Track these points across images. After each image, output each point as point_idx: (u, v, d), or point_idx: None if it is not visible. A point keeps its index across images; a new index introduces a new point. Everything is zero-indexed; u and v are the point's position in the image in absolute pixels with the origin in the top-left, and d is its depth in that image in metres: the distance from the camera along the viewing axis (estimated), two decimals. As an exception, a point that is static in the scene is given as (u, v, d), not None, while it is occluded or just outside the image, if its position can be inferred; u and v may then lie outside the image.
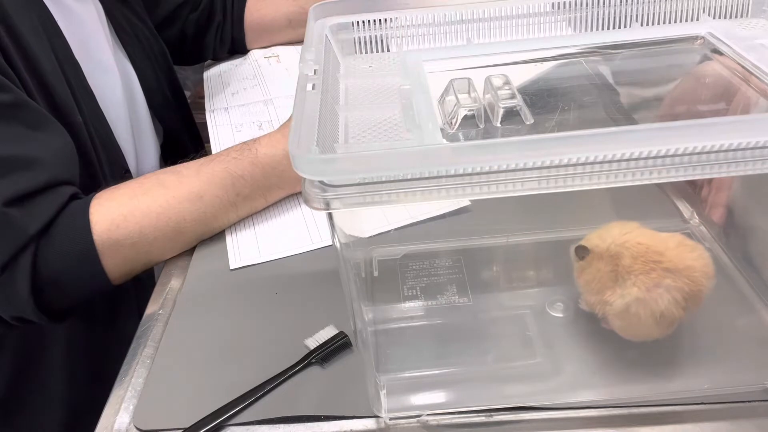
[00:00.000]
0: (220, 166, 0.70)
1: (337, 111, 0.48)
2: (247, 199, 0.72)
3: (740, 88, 0.52)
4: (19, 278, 0.64)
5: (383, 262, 0.65)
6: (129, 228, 0.66)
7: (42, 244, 0.64)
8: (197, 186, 0.69)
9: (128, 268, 0.69)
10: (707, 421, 0.49)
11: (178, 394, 0.56)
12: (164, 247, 0.70)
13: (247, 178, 0.71)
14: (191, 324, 0.63)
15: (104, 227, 0.66)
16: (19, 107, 0.67)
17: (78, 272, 0.66)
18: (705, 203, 0.63)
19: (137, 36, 0.95)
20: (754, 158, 0.39)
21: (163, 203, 0.68)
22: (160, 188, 0.69)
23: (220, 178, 0.70)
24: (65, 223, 0.66)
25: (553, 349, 0.56)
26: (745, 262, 0.59)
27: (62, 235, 0.65)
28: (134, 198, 0.68)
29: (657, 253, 0.50)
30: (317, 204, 0.39)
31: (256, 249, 0.70)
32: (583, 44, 0.57)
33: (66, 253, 0.65)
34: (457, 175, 0.39)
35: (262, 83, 1.02)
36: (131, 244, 0.67)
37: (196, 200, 0.69)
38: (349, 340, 0.57)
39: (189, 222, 0.69)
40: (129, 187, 0.71)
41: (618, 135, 0.38)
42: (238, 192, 0.71)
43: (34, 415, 0.81)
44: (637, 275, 0.50)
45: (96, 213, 0.66)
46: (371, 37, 0.57)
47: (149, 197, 0.68)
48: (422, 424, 0.51)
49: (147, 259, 0.70)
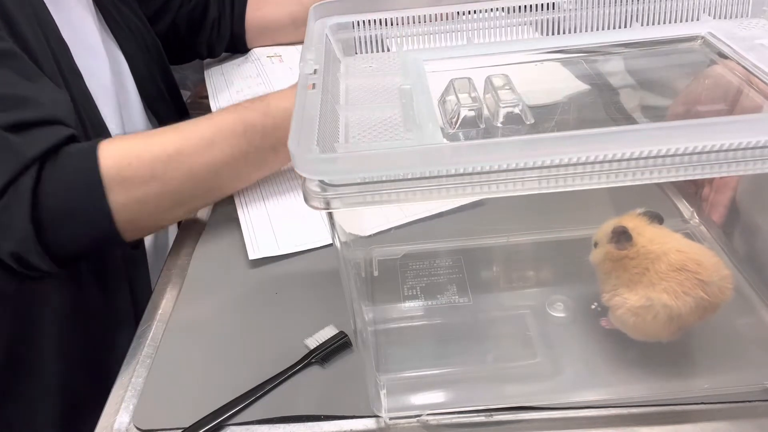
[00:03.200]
0: (232, 115, 0.71)
1: (338, 110, 0.48)
2: (258, 150, 0.72)
3: (740, 89, 0.52)
4: (18, 205, 0.62)
5: (383, 262, 0.65)
6: (141, 167, 0.66)
7: (46, 174, 0.63)
8: (209, 132, 0.70)
9: (137, 214, 0.67)
10: (707, 421, 0.49)
11: (178, 393, 0.56)
12: (174, 196, 0.69)
13: (258, 127, 0.71)
14: (191, 323, 0.63)
15: (113, 162, 0.65)
16: (17, 56, 0.67)
17: (81, 206, 0.65)
18: (705, 203, 0.63)
19: (128, 26, 0.94)
20: (755, 158, 0.39)
21: (176, 146, 0.68)
22: (173, 132, 0.70)
23: (233, 126, 0.71)
24: (71, 156, 0.65)
25: (553, 349, 0.56)
26: (746, 262, 0.59)
27: (67, 167, 0.64)
28: (147, 139, 0.69)
29: (696, 263, 0.49)
30: (317, 203, 0.39)
31: (274, 241, 0.70)
32: (583, 44, 0.57)
33: (70, 185, 0.64)
34: (457, 174, 0.39)
35: (267, 82, 1.02)
36: (141, 183, 0.66)
37: (209, 145, 0.69)
38: (349, 339, 0.57)
39: (201, 167, 0.69)
40: (142, 132, 0.73)
41: (618, 135, 0.38)
42: (250, 141, 0.71)
43: (28, 404, 0.80)
44: (669, 282, 0.49)
45: (105, 150, 0.65)
46: (371, 36, 0.57)
47: (162, 138, 0.69)
48: (422, 424, 0.51)
49: (155, 209, 0.68)
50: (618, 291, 0.52)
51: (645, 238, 0.51)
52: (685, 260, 0.50)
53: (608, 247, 0.52)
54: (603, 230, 0.54)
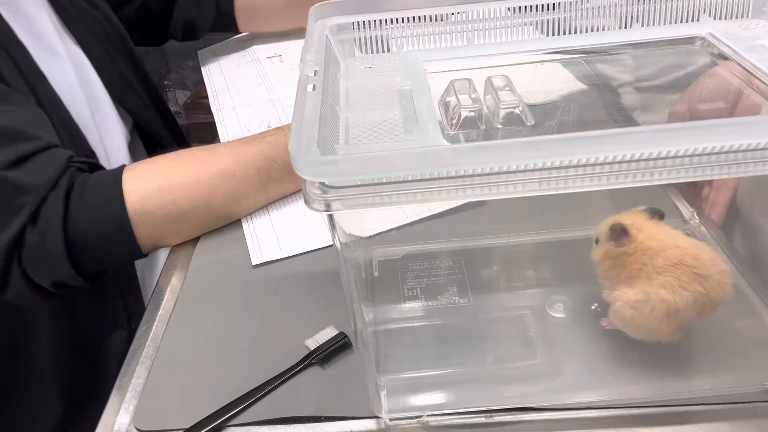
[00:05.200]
0: (254, 149, 0.72)
1: (338, 112, 0.48)
2: (278, 182, 0.74)
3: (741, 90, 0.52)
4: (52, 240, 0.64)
5: (383, 263, 0.65)
6: (163, 199, 0.68)
7: (73, 209, 0.65)
8: (231, 165, 0.71)
9: (158, 239, 0.71)
10: (707, 422, 0.49)
11: (178, 394, 0.56)
12: (194, 222, 0.71)
13: (279, 162, 0.72)
14: (191, 324, 0.63)
15: (138, 197, 0.67)
16: None
17: (111, 241, 0.68)
18: (705, 202, 0.63)
19: (86, 19, 0.91)
20: (755, 159, 0.39)
21: (197, 177, 0.70)
22: (195, 163, 0.71)
23: (254, 160, 0.72)
24: (97, 192, 0.67)
25: (553, 350, 0.56)
26: (746, 262, 0.59)
27: (95, 204, 0.66)
28: (170, 171, 0.70)
29: (693, 258, 0.50)
30: (318, 205, 0.39)
31: (277, 245, 0.70)
32: (583, 45, 0.57)
33: (99, 223, 0.67)
34: (458, 176, 0.39)
35: (267, 83, 1.02)
36: (164, 215, 0.68)
37: (229, 177, 0.71)
38: (349, 340, 0.57)
39: (220, 197, 0.71)
40: (163, 160, 0.72)
41: (618, 137, 0.38)
42: (270, 175, 0.72)
43: (28, 406, 0.81)
44: (667, 276, 0.49)
45: (130, 183, 0.68)
46: (371, 37, 0.57)
47: (184, 171, 0.70)
48: (422, 425, 0.51)
49: (176, 231, 0.71)
50: (617, 287, 0.52)
51: (644, 234, 0.51)
52: (683, 255, 0.50)
53: (607, 244, 0.53)
54: (603, 227, 0.54)
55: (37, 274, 0.67)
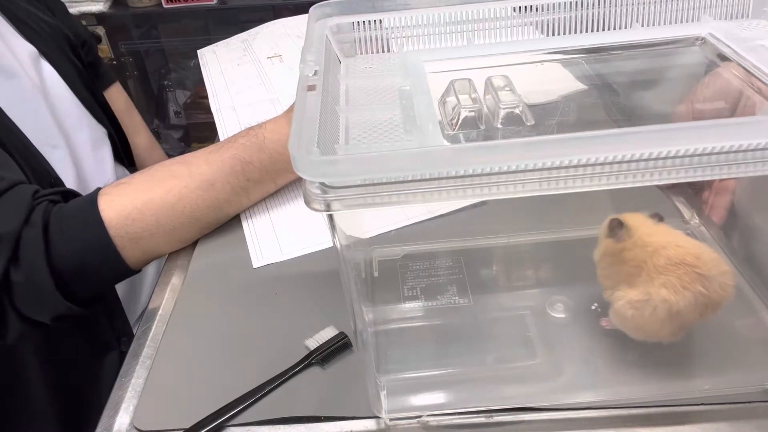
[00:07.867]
0: (228, 153, 0.71)
1: (338, 112, 0.48)
2: (258, 184, 0.73)
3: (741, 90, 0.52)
4: (38, 276, 0.63)
5: (383, 263, 0.65)
6: (145, 221, 0.67)
7: (55, 243, 0.64)
8: (208, 174, 0.70)
9: (148, 256, 0.71)
10: (707, 422, 0.49)
11: (178, 394, 0.56)
12: (182, 235, 0.71)
13: (255, 163, 0.72)
14: (191, 324, 0.63)
15: (119, 222, 0.66)
16: None
17: (99, 266, 0.67)
18: (705, 204, 0.63)
19: (44, 29, 0.88)
20: (755, 160, 0.39)
21: (177, 194, 0.69)
22: (172, 179, 0.70)
23: (230, 165, 0.71)
24: (76, 221, 0.65)
25: (554, 350, 0.56)
26: (746, 263, 0.59)
27: (75, 234, 0.65)
28: (147, 191, 0.68)
29: (695, 258, 0.50)
30: (318, 205, 0.39)
31: (278, 247, 0.70)
32: (583, 45, 0.57)
33: (83, 251, 0.65)
34: (458, 176, 0.39)
35: (267, 82, 1.02)
36: (150, 235, 0.68)
37: (209, 188, 0.70)
38: (349, 340, 0.57)
39: (204, 209, 0.70)
40: (138, 179, 0.71)
41: (619, 137, 0.38)
42: (249, 177, 0.72)
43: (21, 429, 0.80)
44: (668, 276, 0.49)
45: (108, 209, 0.66)
46: (371, 37, 0.57)
47: (162, 189, 0.69)
48: (422, 425, 0.51)
49: (167, 245, 0.71)
50: (618, 287, 0.52)
51: (643, 231, 0.51)
52: (684, 254, 0.50)
53: (606, 241, 0.53)
54: (603, 225, 0.54)
55: (35, 313, 0.66)
